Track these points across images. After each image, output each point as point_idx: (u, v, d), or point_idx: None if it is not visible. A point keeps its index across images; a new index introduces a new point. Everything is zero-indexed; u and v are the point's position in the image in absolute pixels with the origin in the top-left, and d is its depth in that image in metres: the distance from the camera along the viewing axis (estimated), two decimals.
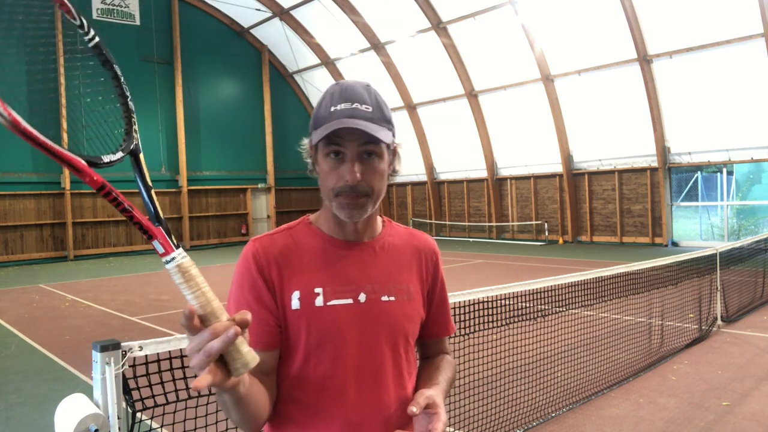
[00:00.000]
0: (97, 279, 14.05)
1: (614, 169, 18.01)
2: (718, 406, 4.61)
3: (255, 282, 1.27)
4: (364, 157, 1.25)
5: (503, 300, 4.45)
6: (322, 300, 1.28)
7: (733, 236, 18.00)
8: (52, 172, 18.93)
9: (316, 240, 1.34)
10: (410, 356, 1.38)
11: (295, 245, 1.33)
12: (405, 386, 1.35)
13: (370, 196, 1.27)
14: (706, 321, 6.88)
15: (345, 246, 1.34)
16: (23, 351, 7.13)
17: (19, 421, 4.76)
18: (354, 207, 1.26)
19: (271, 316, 1.27)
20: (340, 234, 1.35)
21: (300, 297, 1.27)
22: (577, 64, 17.48)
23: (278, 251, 1.31)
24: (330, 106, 1.26)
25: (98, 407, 2.18)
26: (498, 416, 4.20)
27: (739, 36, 14.23)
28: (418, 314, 1.40)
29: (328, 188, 1.27)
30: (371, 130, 1.21)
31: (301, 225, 1.38)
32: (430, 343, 1.50)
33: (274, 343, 1.27)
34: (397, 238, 1.43)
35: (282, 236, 1.35)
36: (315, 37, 23.19)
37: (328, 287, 1.29)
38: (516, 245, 19.15)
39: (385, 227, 1.43)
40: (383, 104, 1.29)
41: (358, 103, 1.25)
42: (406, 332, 1.36)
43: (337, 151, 1.25)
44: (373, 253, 1.36)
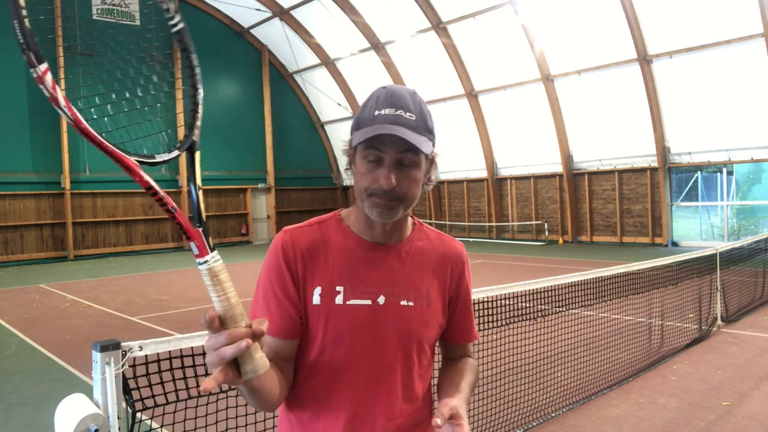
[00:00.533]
0: (97, 279, 14.05)
1: (614, 169, 18.01)
2: (718, 406, 4.61)
3: (281, 273, 1.32)
4: (402, 165, 1.26)
5: (503, 300, 4.45)
6: (342, 298, 1.31)
7: (733, 236, 18.00)
8: (52, 172, 18.93)
9: (344, 238, 1.36)
10: (423, 360, 1.39)
11: (323, 241, 1.36)
12: (414, 389, 1.37)
13: (403, 201, 1.28)
14: (706, 321, 6.88)
15: (371, 248, 1.36)
16: (23, 351, 7.13)
17: (19, 421, 4.75)
18: (386, 208, 1.27)
19: (293, 308, 1.31)
20: (368, 235, 1.36)
21: (321, 293, 1.31)
22: (577, 64, 17.48)
23: (306, 245, 1.34)
24: (374, 110, 1.26)
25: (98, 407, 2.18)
26: (498, 416, 4.20)
27: (739, 36, 14.23)
28: (437, 320, 1.41)
29: (361, 188, 1.29)
30: (412, 139, 1.22)
31: (332, 220, 1.40)
32: (452, 346, 1.52)
33: (295, 333, 1.31)
34: (425, 242, 1.43)
35: (312, 230, 1.37)
36: (315, 37, 23.19)
37: (350, 287, 1.32)
38: (516, 245, 19.15)
39: (415, 230, 1.44)
40: (427, 113, 1.30)
41: (402, 110, 1.26)
42: (420, 337, 1.37)
43: (376, 156, 1.26)
44: (399, 257, 1.38)
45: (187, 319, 8.67)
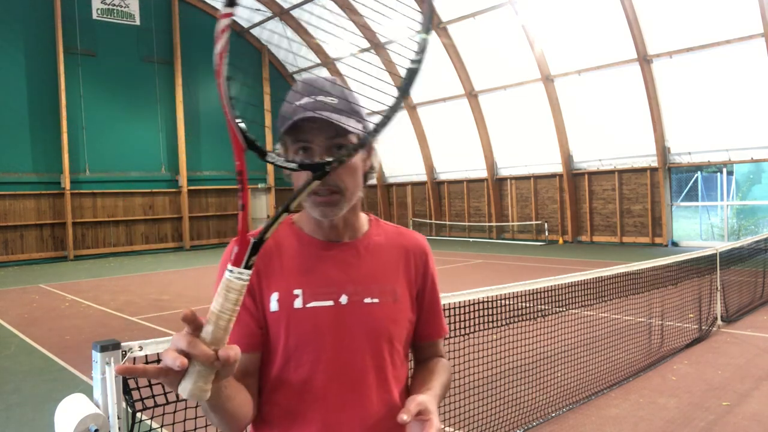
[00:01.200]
0: (97, 279, 14.05)
1: (614, 169, 18.01)
2: (718, 406, 4.61)
3: None
4: (335, 151, 1.19)
5: (503, 300, 4.45)
6: (302, 302, 1.24)
7: (733, 236, 18.00)
8: (52, 172, 18.94)
9: (297, 240, 1.31)
10: (396, 360, 1.33)
11: (276, 246, 1.29)
12: (390, 391, 1.30)
13: (342, 193, 1.21)
14: (706, 321, 6.88)
15: (325, 246, 1.30)
16: (23, 351, 7.13)
17: (19, 421, 4.76)
18: (326, 204, 1.21)
19: (251, 319, 1.24)
20: (320, 234, 1.31)
21: (279, 299, 1.24)
22: (577, 64, 17.48)
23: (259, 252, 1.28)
24: (294, 100, 1.22)
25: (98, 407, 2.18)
26: (498, 416, 4.20)
27: (739, 36, 14.23)
28: (405, 316, 1.34)
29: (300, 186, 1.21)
30: (337, 120, 1.16)
31: (283, 225, 1.33)
32: (423, 345, 1.45)
33: (255, 345, 1.24)
34: (384, 237, 1.38)
35: None
36: (315, 37, 23.19)
37: (308, 289, 1.25)
38: (516, 245, 19.15)
39: (372, 226, 1.38)
40: (351, 96, 1.25)
41: (322, 95, 1.21)
42: (391, 335, 1.30)
43: (305, 147, 1.21)
44: (357, 254, 1.31)
45: None
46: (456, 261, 15.09)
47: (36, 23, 18.72)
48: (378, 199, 25.01)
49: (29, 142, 18.57)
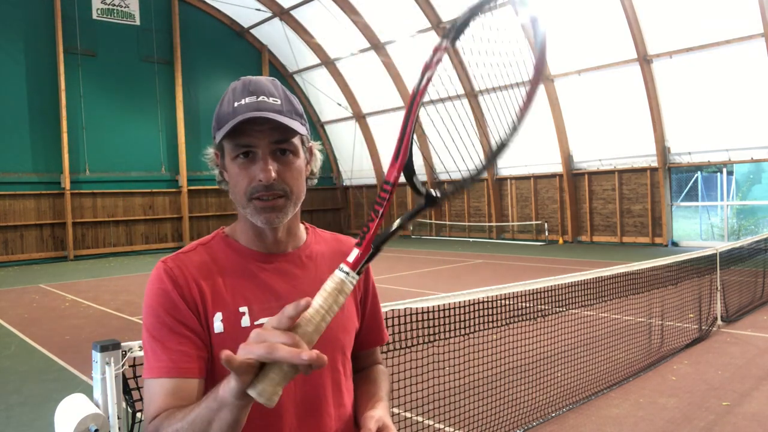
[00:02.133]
0: (97, 279, 14.05)
1: (614, 169, 18.00)
2: (718, 406, 4.61)
3: (174, 303, 1.13)
4: (278, 155, 1.14)
5: (503, 300, 4.45)
6: (249, 320, 1.16)
7: (733, 236, 18.00)
8: (52, 172, 18.94)
9: (235, 254, 1.22)
10: (347, 370, 1.29)
11: (213, 261, 1.20)
12: (344, 403, 1.26)
13: (288, 197, 1.16)
14: (706, 321, 6.88)
15: (267, 258, 1.23)
16: (23, 351, 7.13)
17: (19, 421, 4.76)
18: (271, 210, 1.15)
19: (198, 341, 1.13)
20: (260, 246, 1.23)
21: (223, 318, 1.15)
22: (577, 64, 17.47)
23: (195, 269, 1.17)
24: (233, 102, 1.15)
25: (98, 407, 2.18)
26: (498, 416, 4.20)
27: (739, 36, 14.23)
28: (353, 325, 1.31)
29: (240, 193, 1.15)
30: (281, 119, 1.11)
31: (216, 239, 1.26)
32: (363, 354, 1.41)
33: (199, 370, 1.12)
34: (323, 245, 1.33)
35: (196, 253, 1.21)
36: (315, 37, 23.18)
37: (255, 305, 1.17)
38: (516, 245, 19.15)
39: (309, 235, 1.33)
40: (293, 98, 1.20)
41: (264, 95, 1.14)
42: (343, 345, 1.26)
43: (247, 151, 1.13)
44: (300, 264, 1.25)
45: None
46: (456, 261, 15.09)
47: (36, 23, 18.71)
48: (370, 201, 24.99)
49: (29, 142, 18.57)
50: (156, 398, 1.08)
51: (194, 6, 22.53)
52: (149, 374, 1.12)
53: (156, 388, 1.10)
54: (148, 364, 1.13)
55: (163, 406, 1.07)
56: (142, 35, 20.96)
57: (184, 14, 22.11)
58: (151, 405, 1.09)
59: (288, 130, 1.13)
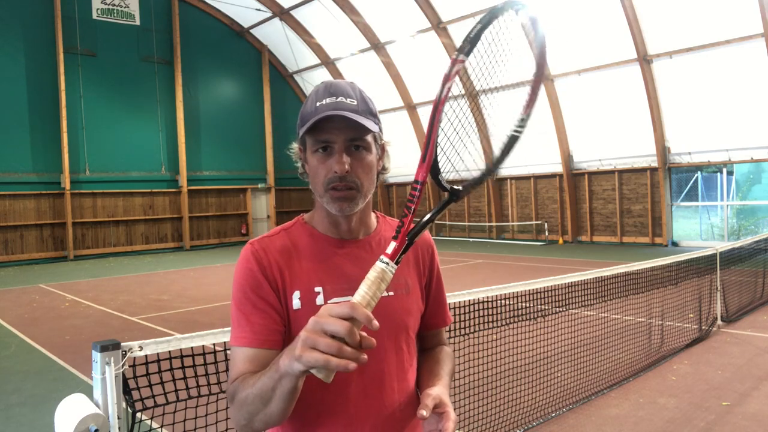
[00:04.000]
0: (97, 279, 14.05)
1: (614, 169, 18.00)
2: (718, 406, 4.61)
3: (259, 282, 1.28)
4: (352, 150, 1.27)
5: (503, 300, 4.45)
6: (323, 298, 1.28)
7: (733, 236, 17.99)
8: (52, 172, 18.94)
9: (313, 239, 1.36)
10: (411, 348, 1.40)
11: (293, 245, 1.34)
12: (407, 379, 1.36)
13: (359, 189, 1.28)
14: (706, 321, 6.88)
15: (341, 244, 1.36)
16: (23, 351, 7.13)
17: (19, 421, 4.76)
18: (344, 199, 1.27)
19: (277, 316, 1.27)
20: (335, 232, 1.36)
21: (301, 296, 1.28)
22: (577, 64, 17.47)
23: (278, 251, 1.31)
24: (315, 102, 1.28)
25: (98, 407, 2.18)
26: (498, 416, 4.20)
27: (739, 36, 14.23)
28: (418, 307, 1.42)
29: (319, 183, 1.29)
30: (358, 119, 1.23)
31: (296, 225, 1.39)
32: (429, 335, 1.51)
33: (276, 342, 1.27)
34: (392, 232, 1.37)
35: (279, 237, 1.35)
36: (315, 37, 23.19)
37: (328, 285, 1.30)
38: (516, 245, 19.15)
39: (380, 223, 1.45)
40: (368, 99, 1.31)
41: (342, 96, 1.27)
42: (407, 326, 1.37)
43: (325, 146, 1.26)
44: (370, 250, 1.37)
45: (187, 318, 8.67)
46: (456, 261, 15.09)
47: (36, 23, 18.71)
48: (378, 199, 25.00)
49: (29, 142, 18.57)
50: (238, 364, 1.25)
51: (194, 6, 22.54)
52: (234, 342, 1.27)
53: (239, 355, 1.26)
54: (234, 333, 1.28)
55: (242, 371, 1.23)
56: (142, 35, 20.96)
57: (184, 14, 22.11)
58: (233, 369, 1.26)
59: (361, 128, 1.25)
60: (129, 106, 20.64)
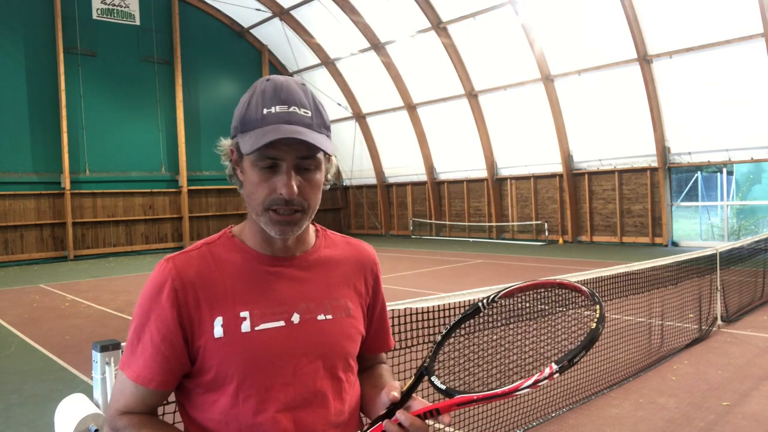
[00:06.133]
0: (97, 279, 14.05)
1: (614, 169, 18.00)
2: (718, 406, 4.61)
3: (163, 314, 1.13)
4: (302, 169, 1.13)
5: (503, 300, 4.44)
6: (249, 325, 1.14)
7: (733, 236, 17.99)
8: (52, 172, 18.94)
9: (240, 256, 1.20)
10: (351, 378, 1.26)
11: (216, 264, 1.18)
12: (344, 412, 1.23)
13: (305, 211, 1.15)
14: (706, 321, 6.88)
15: (273, 262, 1.20)
16: (23, 351, 7.13)
17: (19, 421, 4.75)
18: (287, 224, 1.13)
19: (174, 357, 1.14)
20: (267, 249, 1.21)
21: (223, 323, 1.14)
22: (577, 64, 17.47)
23: (195, 272, 1.16)
24: (262, 107, 1.11)
25: (98, 407, 2.18)
26: (498, 416, 4.20)
27: (739, 36, 14.23)
28: (358, 332, 1.28)
29: (257, 201, 1.13)
30: (314, 140, 1.09)
31: (222, 239, 1.23)
32: (368, 357, 1.39)
33: (170, 383, 1.16)
34: (333, 249, 1.30)
35: (199, 254, 1.19)
36: (315, 37, 23.19)
37: (256, 310, 1.15)
38: (516, 245, 19.15)
39: (319, 238, 1.30)
40: (321, 108, 1.17)
41: (295, 105, 1.11)
42: (346, 353, 1.24)
43: (271, 164, 1.11)
44: (307, 268, 1.23)
45: None
46: (456, 261, 15.09)
47: (36, 23, 18.71)
48: (378, 199, 25.00)
49: (29, 142, 18.57)
50: (124, 393, 1.18)
51: (194, 6, 22.54)
52: (122, 368, 1.19)
53: (124, 386, 1.18)
54: (124, 356, 1.19)
55: (127, 406, 1.17)
56: (142, 35, 20.96)
57: (184, 14, 22.11)
58: (119, 396, 1.18)
59: (315, 147, 1.11)
60: (129, 106, 20.64)
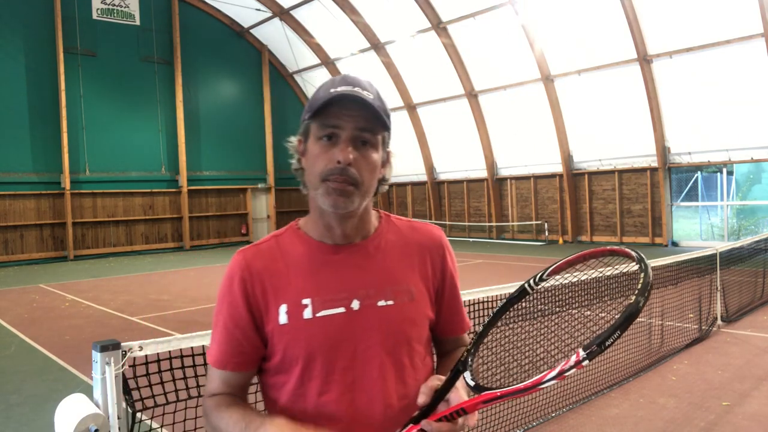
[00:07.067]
0: (97, 279, 14.05)
1: (614, 169, 18.00)
2: (718, 406, 4.61)
3: (234, 302, 1.23)
4: (359, 144, 1.18)
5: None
6: (311, 312, 1.20)
7: (733, 236, 17.99)
8: (52, 172, 18.93)
9: (304, 246, 1.26)
10: (416, 362, 1.27)
11: (281, 254, 1.26)
12: (407, 395, 1.24)
13: (358, 186, 1.17)
14: (706, 321, 6.88)
15: (334, 250, 1.25)
16: (23, 351, 7.13)
17: (19, 421, 4.75)
18: (341, 193, 1.16)
19: (245, 340, 1.23)
20: (328, 238, 1.25)
21: (287, 310, 1.20)
22: (577, 64, 17.47)
23: (263, 264, 1.24)
24: (329, 89, 1.19)
25: (98, 407, 2.18)
26: (498, 416, 4.20)
27: (739, 36, 14.22)
28: (424, 316, 1.29)
29: (315, 173, 1.19)
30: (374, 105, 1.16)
31: (288, 231, 1.30)
32: (446, 340, 1.40)
33: (246, 364, 1.25)
34: (396, 234, 1.32)
35: (268, 246, 1.28)
36: (315, 37, 23.19)
37: (317, 297, 1.21)
38: (516, 245, 19.15)
39: (382, 223, 1.32)
40: (385, 100, 1.24)
41: (359, 87, 1.18)
42: (409, 337, 1.25)
43: (331, 134, 1.17)
44: (367, 255, 1.26)
45: (187, 319, 8.66)
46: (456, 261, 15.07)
47: (36, 23, 18.71)
48: (378, 198, 25.01)
49: (29, 142, 18.57)
50: (212, 379, 1.29)
51: (194, 6, 22.53)
52: (208, 357, 1.30)
53: (211, 372, 1.29)
54: (210, 346, 1.30)
55: (216, 390, 1.27)
56: (142, 35, 20.96)
57: (184, 14, 22.10)
58: (209, 382, 1.30)
59: (374, 120, 1.17)
60: (129, 106, 20.64)
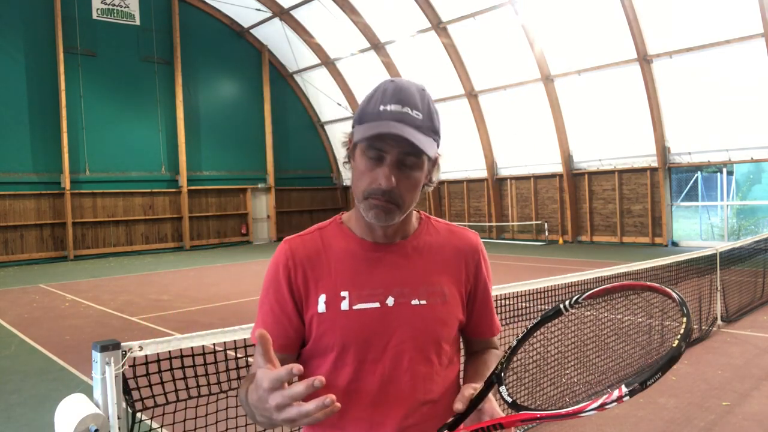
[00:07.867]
0: (97, 279, 14.04)
1: (614, 169, 18.01)
2: (718, 406, 4.61)
3: (279, 287, 1.30)
4: (403, 165, 1.22)
5: (503, 300, 4.45)
6: (348, 304, 1.26)
7: (733, 236, 17.99)
8: (52, 172, 18.93)
9: (346, 241, 1.33)
10: (443, 360, 1.33)
11: (324, 247, 1.32)
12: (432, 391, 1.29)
13: (400, 206, 1.24)
14: (706, 321, 6.88)
15: (375, 248, 1.31)
16: (23, 351, 7.13)
17: (19, 421, 4.75)
18: (382, 210, 1.22)
19: (289, 323, 1.29)
20: (369, 236, 1.32)
21: (326, 300, 1.27)
22: (577, 64, 17.47)
23: (306, 254, 1.31)
24: (380, 104, 1.21)
25: (98, 407, 2.18)
26: None
27: (739, 36, 14.23)
28: (455, 317, 1.34)
29: (360, 188, 1.25)
30: (417, 141, 1.18)
31: (332, 225, 1.37)
32: (475, 341, 1.46)
33: (289, 347, 1.30)
34: (434, 236, 1.38)
35: (312, 237, 1.34)
36: (315, 37, 23.19)
37: (354, 291, 1.27)
38: (516, 245, 19.15)
39: (422, 225, 1.39)
40: (434, 112, 1.25)
41: (409, 107, 1.20)
42: (438, 337, 1.31)
43: (379, 156, 1.21)
44: (405, 255, 1.32)
45: (187, 319, 8.67)
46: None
47: (36, 23, 18.71)
48: None
49: (29, 142, 18.57)
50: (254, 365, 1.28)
51: (194, 6, 22.53)
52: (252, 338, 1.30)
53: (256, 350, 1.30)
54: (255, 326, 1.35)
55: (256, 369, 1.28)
56: (142, 35, 20.96)
57: (184, 14, 22.10)
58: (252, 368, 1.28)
59: (417, 147, 1.18)
60: (129, 106, 20.63)
